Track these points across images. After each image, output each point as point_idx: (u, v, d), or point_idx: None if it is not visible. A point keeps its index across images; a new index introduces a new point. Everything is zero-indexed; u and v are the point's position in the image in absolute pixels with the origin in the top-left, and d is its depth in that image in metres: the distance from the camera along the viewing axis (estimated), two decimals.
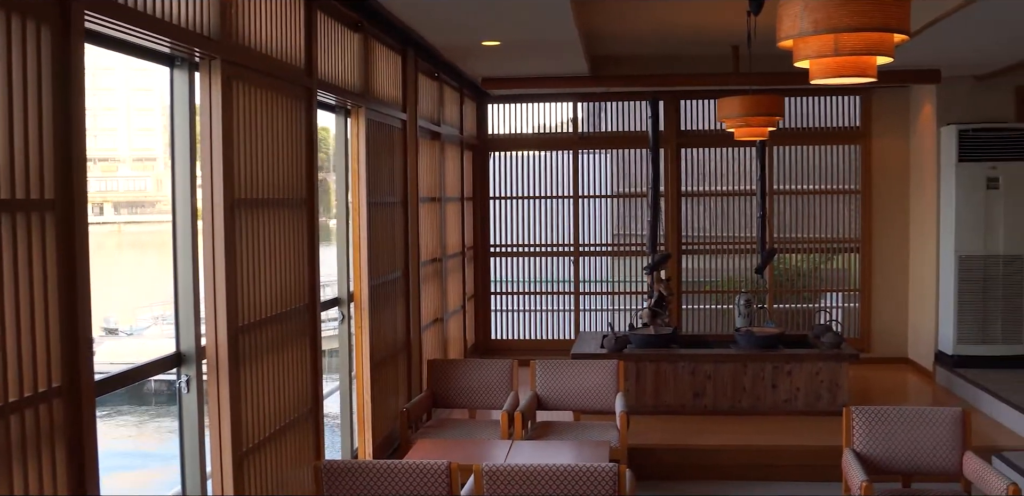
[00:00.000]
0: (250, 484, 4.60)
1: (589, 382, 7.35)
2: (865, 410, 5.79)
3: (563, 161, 11.20)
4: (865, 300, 10.81)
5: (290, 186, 5.16)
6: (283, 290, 5.04)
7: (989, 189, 9.20)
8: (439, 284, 8.84)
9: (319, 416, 5.51)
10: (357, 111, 6.44)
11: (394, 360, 7.23)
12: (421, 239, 8.09)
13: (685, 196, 11.01)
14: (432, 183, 8.59)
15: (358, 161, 6.47)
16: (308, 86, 5.40)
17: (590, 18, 8.04)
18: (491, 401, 7.32)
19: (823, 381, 8.27)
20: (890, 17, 3.76)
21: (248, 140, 4.60)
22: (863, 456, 5.70)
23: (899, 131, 10.56)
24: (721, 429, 7.90)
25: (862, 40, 3.80)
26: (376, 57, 6.82)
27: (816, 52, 3.90)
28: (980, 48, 8.05)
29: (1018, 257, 9.21)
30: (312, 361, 5.44)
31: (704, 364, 8.34)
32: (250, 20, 4.64)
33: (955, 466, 5.64)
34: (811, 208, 10.93)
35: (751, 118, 7.24)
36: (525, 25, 7.00)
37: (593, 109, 11.51)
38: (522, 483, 4.74)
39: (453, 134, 9.46)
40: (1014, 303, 9.24)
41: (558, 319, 11.36)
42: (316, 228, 5.48)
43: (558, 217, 11.25)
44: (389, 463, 4.82)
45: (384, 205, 6.97)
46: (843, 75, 3.99)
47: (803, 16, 3.82)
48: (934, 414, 5.74)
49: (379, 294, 6.79)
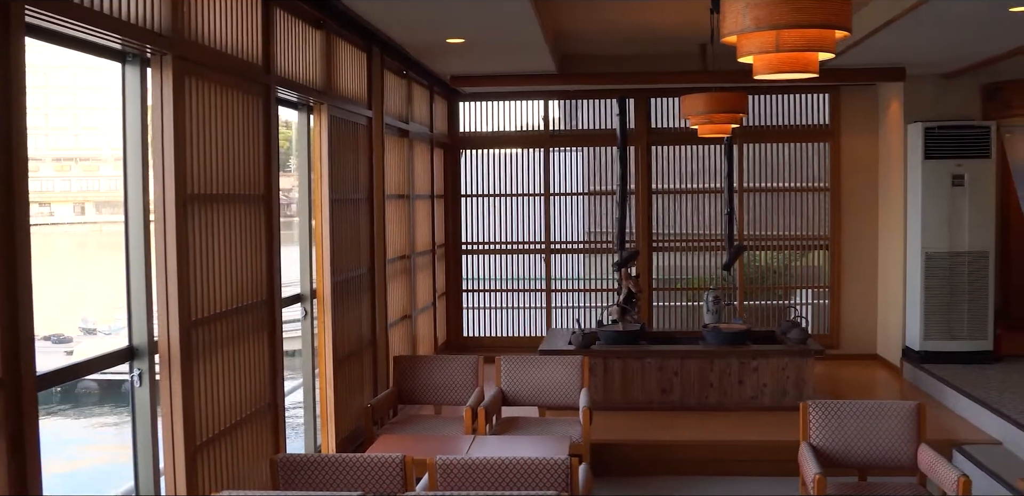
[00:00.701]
0: (204, 478, 4.62)
1: (554, 378, 7.38)
2: (821, 404, 5.83)
3: (535, 159, 11.24)
4: (834, 297, 10.88)
5: (247, 182, 5.18)
6: (240, 285, 5.06)
7: (954, 186, 9.26)
8: (408, 281, 8.86)
9: (278, 410, 5.53)
10: (319, 108, 6.47)
11: (359, 356, 7.26)
12: (388, 236, 8.11)
13: (656, 193, 11.06)
14: (400, 180, 8.61)
15: (320, 158, 6.49)
16: (266, 83, 5.42)
17: (558, 17, 8.09)
18: (457, 397, 7.34)
19: (789, 377, 8.32)
20: (830, 14, 3.80)
21: (202, 136, 4.62)
22: (820, 450, 5.75)
23: (867, 129, 10.63)
24: (687, 425, 7.95)
25: (802, 37, 3.84)
26: (339, 54, 6.84)
27: (758, 48, 3.94)
28: (941, 46, 8.11)
29: (983, 254, 9.29)
30: (271, 356, 5.46)
31: (671, 360, 8.39)
32: (204, 16, 4.66)
33: (910, 459, 5.70)
34: (781, 205, 10.99)
35: (715, 115, 7.27)
36: (488, 24, 7.04)
37: (568, 107, 11.55)
38: (475, 476, 4.77)
39: (423, 132, 9.49)
40: (979, 299, 9.31)
41: (530, 316, 11.40)
42: (275, 224, 5.50)
43: (530, 215, 11.29)
44: (344, 457, 4.84)
45: (348, 202, 6.99)
46: (785, 71, 4.03)
47: (745, 13, 3.86)
48: (889, 408, 5.79)
49: (343, 291, 6.82)
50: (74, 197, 30.97)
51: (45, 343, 19.19)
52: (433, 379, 7.44)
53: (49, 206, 32.48)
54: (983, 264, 9.29)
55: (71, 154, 32.26)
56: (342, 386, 6.79)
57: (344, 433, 6.84)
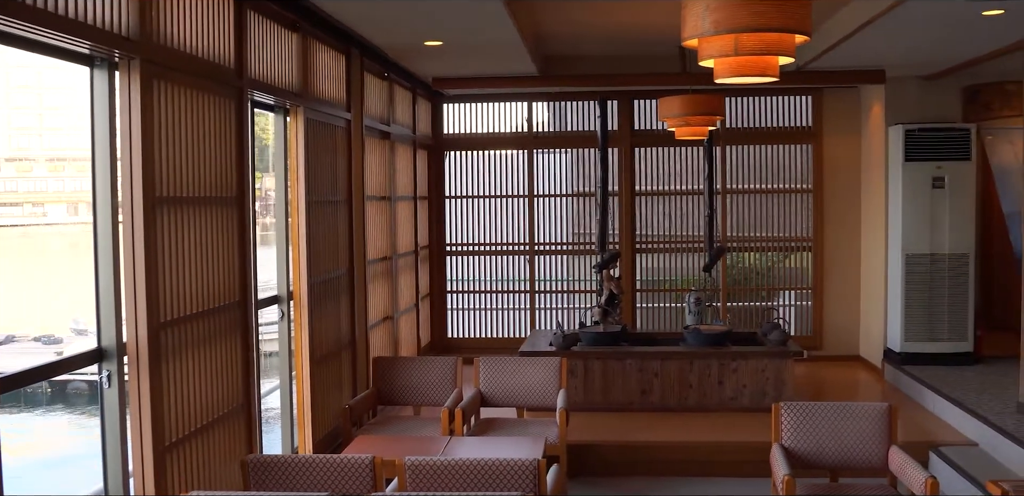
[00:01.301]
0: (173, 478, 4.65)
1: (533, 379, 7.41)
2: (793, 406, 5.86)
3: (519, 160, 11.27)
4: (817, 298, 10.91)
5: (220, 184, 5.21)
6: (212, 287, 5.08)
7: (935, 188, 9.30)
8: (389, 282, 8.89)
9: (252, 411, 5.55)
10: (295, 110, 6.49)
11: (338, 358, 7.29)
12: (369, 237, 8.14)
13: (639, 195, 11.09)
14: (381, 182, 8.64)
15: (297, 160, 6.52)
16: (238, 86, 5.45)
17: (538, 19, 8.12)
18: (436, 398, 7.37)
19: (768, 378, 8.35)
20: (789, 18, 3.83)
21: (171, 139, 4.64)
22: (791, 451, 5.78)
23: (850, 131, 10.67)
24: (666, 426, 7.98)
25: (761, 40, 3.88)
26: (316, 57, 6.86)
27: (718, 52, 3.98)
28: (919, 49, 8.15)
29: (963, 256, 9.32)
30: (244, 357, 5.49)
31: (651, 361, 8.42)
32: (174, 20, 4.69)
33: (881, 461, 5.73)
34: (765, 207, 11.02)
35: (691, 117, 7.32)
36: (464, 26, 7.07)
37: (552, 108, 11.57)
38: (444, 477, 4.80)
39: (405, 133, 9.51)
40: (959, 301, 9.34)
41: (515, 317, 11.42)
42: (248, 226, 5.53)
43: (515, 216, 11.31)
44: (314, 457, 4.87)
45: (326, 204, 7.02)
46: (745, 74, 4.07)
47: (704, 16, 3.90)
48: (861, 409, 5.82)
49: (320, 292, 6.84)
50: (68, 197, 30.97)
51: (35, 344, 19.20)
52: (412, 380, 7.47)
53: (43, 206, 32.43)
54: (963, 266, 9.33)
55: (65, 154, 32.28)
56: (319, 387, 6.82)
57: (322, 434, 6.87)
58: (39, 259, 30.27)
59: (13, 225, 31.12)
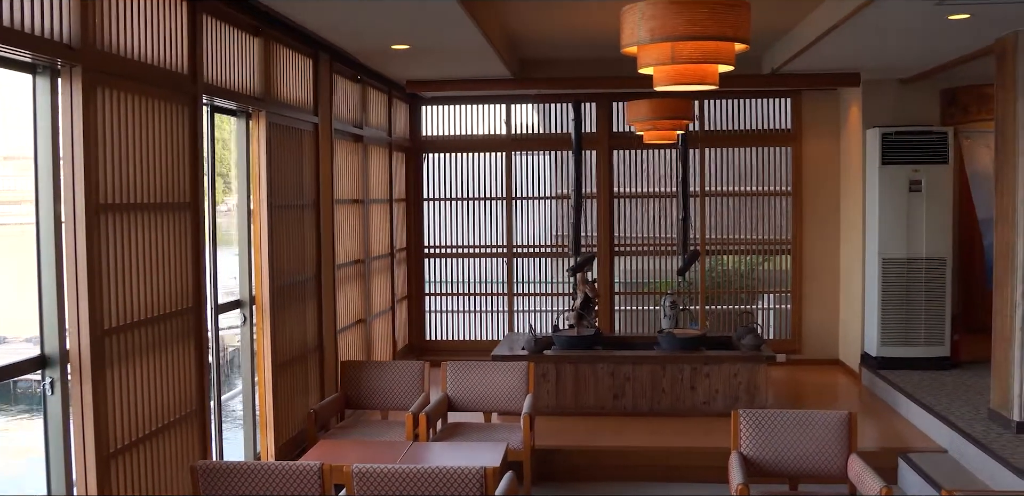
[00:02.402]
0: (119, 485, 4.63)
1: (500, 384, 7.40)
2: (752, 413, 5.84)
3: (498, 163, 11.24)
4: (796, 302, 10.88)
5: (172, 190, 5.19)
6: (162, 293, 5.06)
7: (912, 192, 9.26)
8: (362, 286, 8.87)
9: (206, 417, 5.54)
10: (258, 115, 6.47)
11: (304, 362, 7.27)
12: (339, 241, 8.13)
13: (618, 197, 11.06)
14: (353, 185, 8.62)
15: (259, 164, 6.50)
16: (192, 92, 5.42)
17: (511, 22, 8.09)
18: (403, 402, 7.36)
19: (741, 383, 8.33)
20: (725, 26, 3.82)
21: (117, 146, 4.62)
22: (750, 459, 5.76)
23: (830, 133, 10.64)
24: (637, 430, 7.96)
25: (698, 48, 3.86)
26: (280, 61, 6.84)
27: (655, 60, 3.97)
28: (890, 52, 8.12)
29: (940, 259, 9.28)
30: (198, 362, 5.47)
31: (623, 366, 8.40)
32: (120, 28, 4.66)
33: (841, 469, 5.71)
34: (745, 210, 10.99)
35: (659, 121, 7.30)
36: (427, 30, 7.04)
37: (534, 111, 11.54)
38: (393, 484, 4.79)
39: (380, 136, 9.49)
40: (936, 305, 9.31)
41: (493, 320, 11.40)
42: (202, 231, 5.51)
43: (495, 219, 11.29)
44: (263, 464, 4.86)
45: (291, 207, 7.00)
46: (683, 82, 4.06)
47: (640, 24, 3.89)
48: (821, 417, 5.79)
49: (284, 296, 6.83)
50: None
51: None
52: (380, 384, 7.46)
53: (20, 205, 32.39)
54: (940, 270, 9.29)
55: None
56: (283, 391, 6.80)
57: (286, 438, 6.85)
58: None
59: None
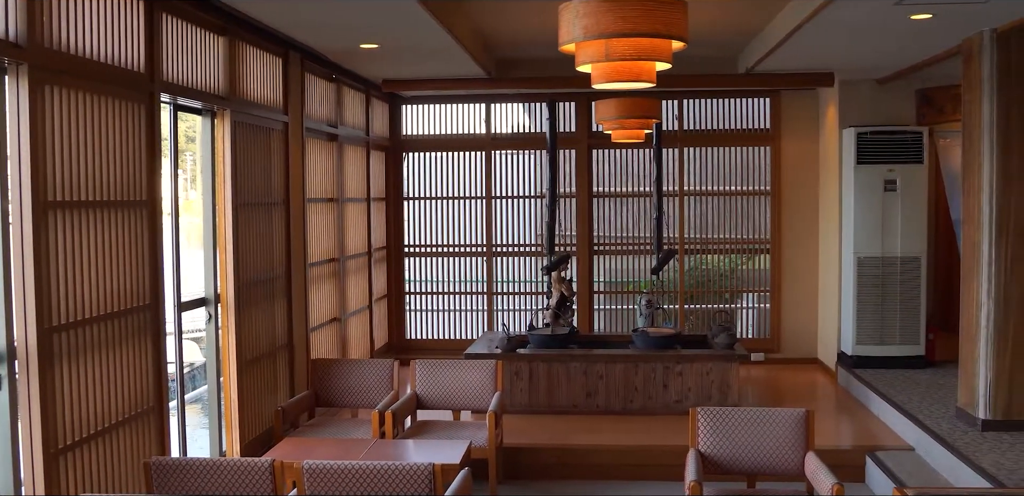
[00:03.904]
0: (70, 481, 4.65)
1: (469, 382, 7.42)
2: (710, 411, 5.84)
3: (478, 162, 11.25)
4: (775, 301, 10.89)
5: (126, 188, 5.21)
6: (115, 290, 5.08)
7: (887, 191, 9.27)
8: (336, 284, 8.89)
9: (163, 414, 5.56)
10: (222, 113, 6.50)
11: (272, 359, 7.29)
12: (312, 239, 8.15)
13: (596, 197, 11.08)
14: (326, 184, 8.64)
15: (224, 162, 6.53)
16: (149, 90, 5.45)
17: (483, 23, 8.10)
18: (372, 400, 7.38)
19: (714, 381, 8.34)
20: (659, 23, 3.83)
21: (67, 143, 4.64)
22: (708, 456, 5.77)
23: (808, 133, 10.64)
24: (608, 429, 7.96)
25: (631, 46, 3.87)
26: (247, 60, 6.86)
27: (590, 57, 3.98)
28: (859, 52, 8.12)
29: (915, 259, 9.29)
30: (155, 360, 5.49)
31: (596, 364, 8.41)
32: (70, 26, 4.68)
33: (798, 466, 5.70)
34: (724, 209, 11.00)
35: (626, 120, 7.31)
36: (392, 29, 7.04)
37: (514, 110, 11.55)
38: (343, 481, 4.81)
39: (356, 135, 9.51)
40: (911, 304, 9.31)
41: (474, 319, 11.42)
42: (159, 229, 5.54)
43: (475, 218, 11.30)
44: (215, 460, 4.88)
45: (258, 206, 7.02)
46: (619, 80, 4.07)
47: (575, 22, 3.90)
48: (778, 415, 5.80)
49: (251, 294, 6.85)
50: None
51: None
52: (350, 382, 7.48)
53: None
54: (915, 269, 9.30)
55: None
56: (250, 389, 6.82)
57: (253, 436, 6.87)
58: None
59: None
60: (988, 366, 7.06)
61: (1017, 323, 7.02)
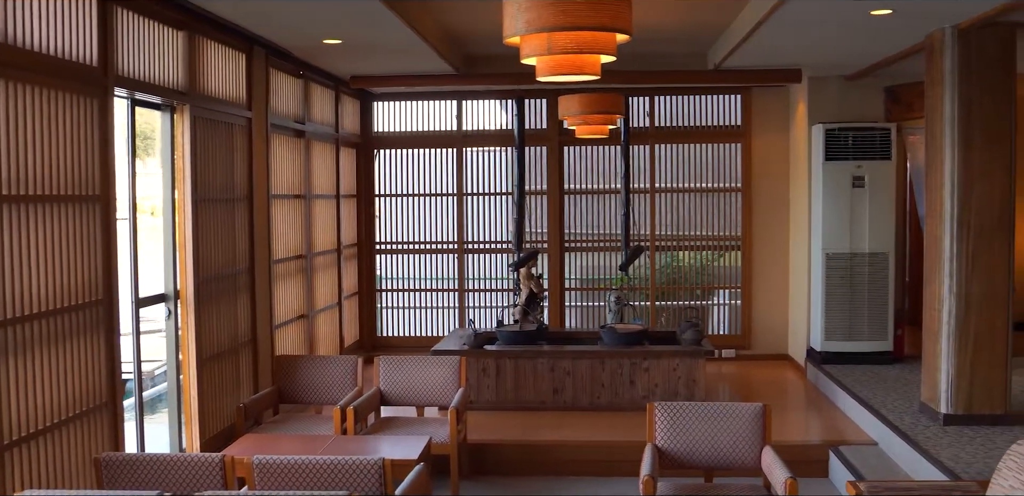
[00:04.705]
0: (17, 477, 4.63)
1: (433, 378, 7.41)
2: (668, 406, 5.83)
3: (449, 159, 11.24)
4: (746, 297, 10.90)
5: (77, 183, 5.18)
6: (64, 285, 5.05)
7: (855, 187, 9.29)
8: (303, 281, 8.87)
9: (117, 410, 5.53)
10: (182, 109, 6.47)
11: (235, 356, 7.27)
12: (277, 236, 8.13)
13: (568, 194, 11.07)
14: (293, 180, 8.62)
15: (183, 158, 6.50)
16: (103, 84, 5.42)
17: (451, 17, 8.07)
18: (337, 397, 7.36)
19: (680, 377, 8.34)
20: (601, 16, 3.82)
21: (11, 137, 4.61)
22: (665, 451, 5.77)
23: (779, 130, 10.65)
24: (574, 425, 7.96)
25: (574, 39, 3.87)
26: (208, 55, 6.83)
27: (534, 51, 3.97)
28: (824, 48, 8.15)
29: (883, 255, 9.31)
30: (108, 355, 5.46)
31: (563, 361, 8.41)
32: (16, 19, 4.65)
33: (756, 461, 5.70)
34: (696, 206, 11.00)
35: (589, 116, 7.30)
36: (352, 25, 7.02)
37: (490, 107, 11.53)
38: (292, 476, 4.80)
39: (325, 132, 9.49)
40: (879, 300, 9.33)
41: (445, 316, 11.41)
42: (113, 224, 5.51)
43: (448, 215, 11.28)
44: (166, 456, 4.87)
45: (220, 201, 6.99)
46: (562, 73, 4.07)
47: (518, 16, 3.89)
48: (735, 410, 5.80)
49: (212, 290, 6.83)
50: None
51: None
52: (314, 379, 7.46)
53: None
54: (883, 265, 9.32)
55: None
56: (210, 385, 6.80)
57: (214, 432, 6.85)
58: None
59: None
60: (950, 361, 7.09)
61: (978, 319, 7.04)
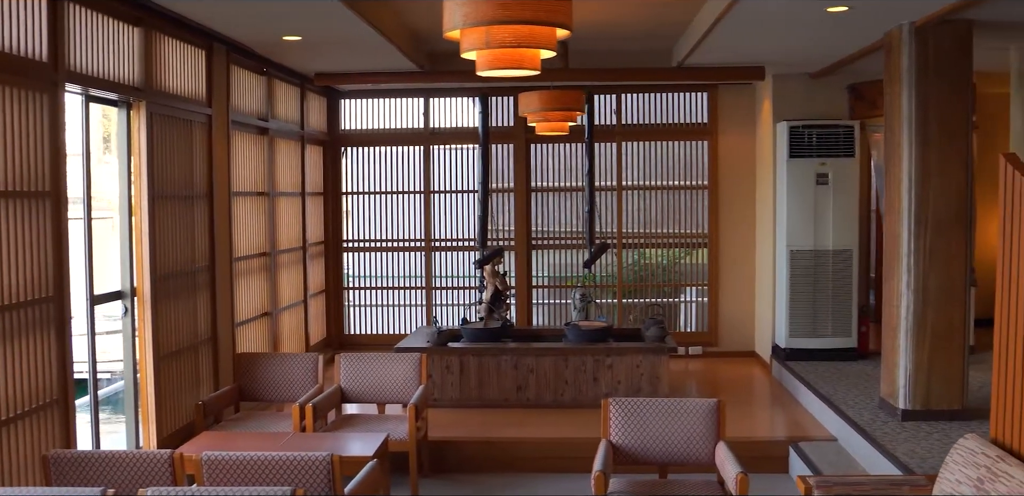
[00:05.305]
0: None
1: (394, 376, 7.40)
2: (622, 402, 5.84)
3: (417, 156, 11.23)
4: (713, 295, 10.93)
5: (26, 179, 5.16)
6: (12, 282, 5.03)
7: (819, 184, 9.32)
8: (267, 278, 8.85)
9: (68, 407, 5.51)
10: (138, 105, 6.45)
11: (194, 353, 7.25)
12: (239, 233, 8.11)
13: (535, 191, 11.08)
14: (256, 177, 8.59)
15: (139, 155, 6.48)
16: (53, 80, 5.40)
17: (414, 15, 8.07)
18: (297, 394, 7.35)
19: (643, 374, 8.36)
20: (538, 11, 3.82)
21: None
22: (620, 447, 5.77)
23: (744, 128, 10.68)
24: (537, 422, 7.97)
25: (510, 33, 3.87)
26: (165, 52, 6.80)
27: (472, 45, 3.97)
28: (785, 45, 8.17)
29: (847, 251, 9.35)
30: (60, 352, 5.44)
31: (526, 358, 8.42)
32: None
33: (709, 456, 5.72)
34: (664, 204, 11.02)
35: (549, 113, 7.30)
36: (310, 21, 7.00)
37: (457, 105, 11.51)
38: (241, 472, 4.79)
39: (289, 129, 9.47)
40: (843, 297, 9.37)
41: (415, 314, 11.40)
42: (64, 220, 5.48)
43: (415, 212, 11.27)
44: (115, 453, 4.85)
45: (178, 198, 6.97)
46: (501, 67, 4.06)
47: (456, 10, 3.88)
48: (689, 406, 5.80)
49: (170, 287, 6.80)
50: None
51: None
52: (275, 376, 7.44)
53: None
54: (847, 261, 9.36)
55: None
56: (168, 383, 6.78)
57: (172, 429, 6.83)
58: None
59: None
60: (908, 357, 7.12)
61: (936, 314, 7.07)
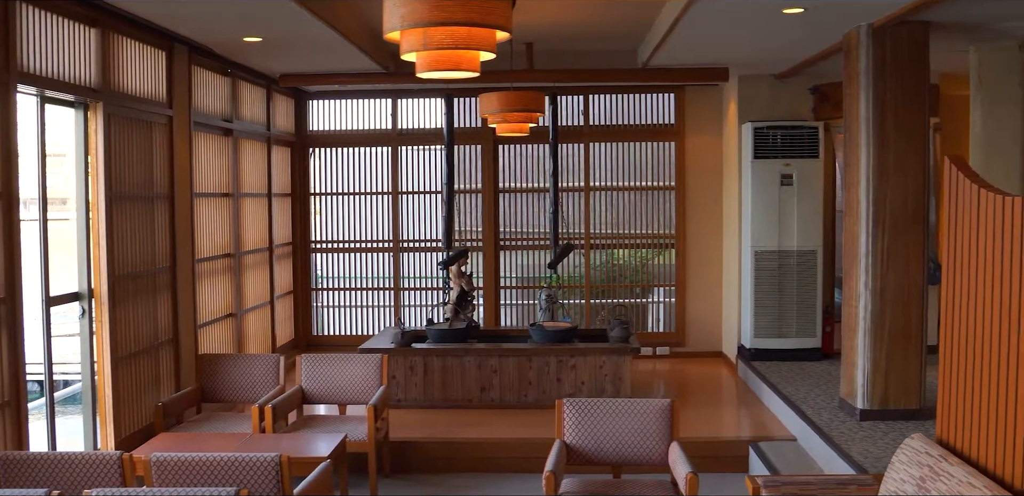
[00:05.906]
0: None
1: (355, 376, 7.40)
2: (576, 402, 5.85)
3: (385, 157, 11.23)
4: (680, 295, 10.96)
5: None
6: None
7: (783, 185, 9.36)
8: (232, 279, 8.84)
9: (20, 409, 5.50)
10: (95, 106, 6.44)
11: (154, 355, 7.24)
12: (201, 234, 8.10)
13: (502, 192, 11.09)
14: (220, 178, 8.58)
15: (96, 156, 6.47)
16: (4, 80, 5.39)
17: (377, 17, 8.05)
18: (259, 395, 7.35)
19: (607, 374, 8.38)
20: (474, 12, 3.82)
21: None
22: (574, 448, 5.78)
23: (712, 129, 10.72)
24: (500, 422, 7.98)
25: (448, 34, 3.87)
26: (123, 53, 6.80)
27: (411, 46, 3.97)
28: (746, 47, 8.20)
29: (811, 252, 9.39)
30: (12, 354, 5.43)
31: (490, 358, 8.43)
32: None
33: (663, 456, 5.73)
34: (631, 204, 11.05)
35: (509, 114, 7.32)
36: (270, 23, 7.00)
37: (424, 106, 11.52)
38: (190, 473, 4.79)
39: (255, 130, 9.45)
40: (807, 297, 9.42)
41: (384, 315, 11.40)
42: (15, 222, 5.47)
43: (383, 213, 11.27)
44: (65, 454, 4.85)
45: (137, 199, 6.96)
46: (440, 69, 4.07)
47: (394, 10, 3.89)
48: (643, 406, 5.82)
49: (129, 288, 6.79)
50: None
51: None
52: (237, 377, 7.44)
53: None
54: (811, 262, 9.40)
55: None
56: (127, 384, 6.77)
57: (131, 431, 6.82)
58: None
59: None
60: (866, 357, 7.15)
61: (893, 315, 7.11)
